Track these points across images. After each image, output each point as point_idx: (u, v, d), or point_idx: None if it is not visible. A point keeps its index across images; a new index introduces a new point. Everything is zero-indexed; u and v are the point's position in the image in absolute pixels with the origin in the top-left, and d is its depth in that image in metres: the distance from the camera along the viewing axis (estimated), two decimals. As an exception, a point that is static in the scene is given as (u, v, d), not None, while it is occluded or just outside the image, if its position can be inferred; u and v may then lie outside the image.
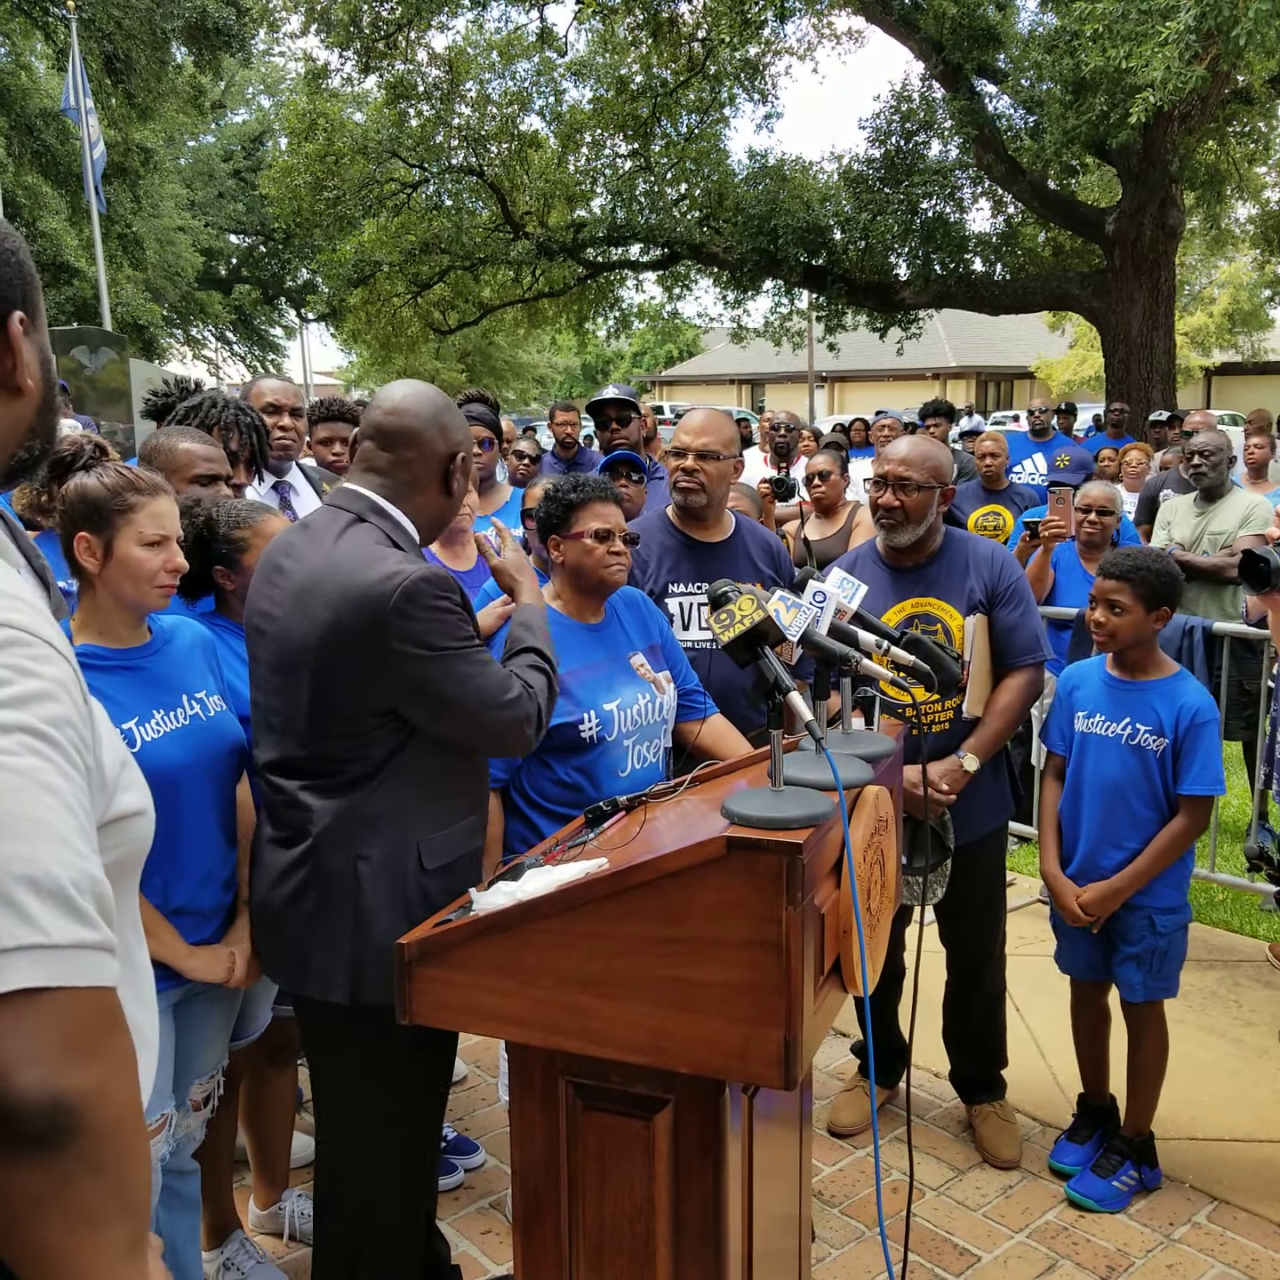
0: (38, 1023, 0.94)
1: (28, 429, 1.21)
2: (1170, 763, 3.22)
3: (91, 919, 0.99)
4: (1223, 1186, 3.34)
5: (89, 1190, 0.96)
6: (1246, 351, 31.33)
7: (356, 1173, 2.38)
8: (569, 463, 7.27)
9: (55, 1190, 0.94)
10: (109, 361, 13.16)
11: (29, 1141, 0.93)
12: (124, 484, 2.36)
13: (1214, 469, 5.97)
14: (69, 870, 0.98)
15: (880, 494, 3.33)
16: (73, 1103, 0.94)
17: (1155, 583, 3.20)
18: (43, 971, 0.94)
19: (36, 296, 1.21)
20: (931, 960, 3.55)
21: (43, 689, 1.04)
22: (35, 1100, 0.92)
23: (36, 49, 21.98)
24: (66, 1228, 0.95)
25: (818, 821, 1.82)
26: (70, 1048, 0.95)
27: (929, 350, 31.44)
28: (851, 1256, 3.10)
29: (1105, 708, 3.32)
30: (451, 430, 2.36)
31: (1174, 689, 3.25)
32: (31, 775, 1.00)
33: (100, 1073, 0.97)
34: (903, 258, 16.52)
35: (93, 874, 1.01)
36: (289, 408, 3.98)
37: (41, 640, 1.07)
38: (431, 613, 2.18)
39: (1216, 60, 10.68)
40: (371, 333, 19.96)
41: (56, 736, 1.04)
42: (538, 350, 43.14)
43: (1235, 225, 19.36)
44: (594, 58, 17.71)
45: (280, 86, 35.42)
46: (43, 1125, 0.93)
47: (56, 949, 0.95)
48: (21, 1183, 0.93)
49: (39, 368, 1.21)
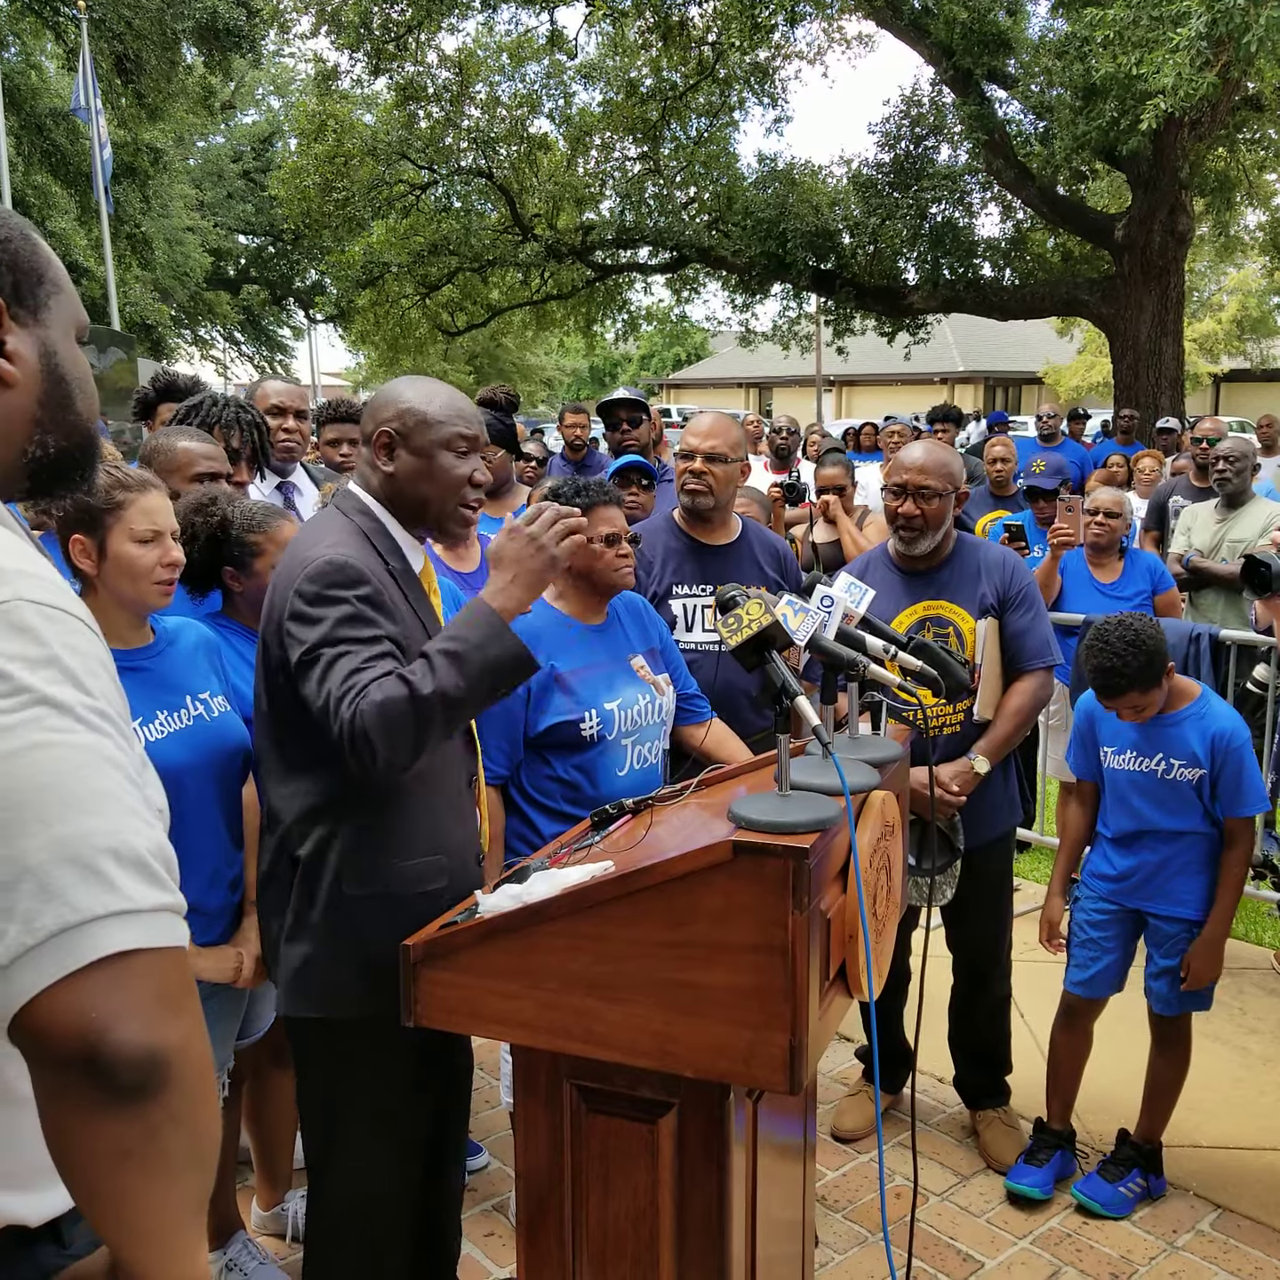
0: (132, 981, 1.00)
1: (30, 422, 1.20)
2: (1208, 788, 3.18)
3: (166, 883, 1.05)
4: (1227, 1194, 3.34)
5: (172, 1141, 1.01)
6: (1255, 358, 31.27)
7: (336, 1175, 2.36)
8: (578, 465, 7.26)
9: (144, 1141, 1.00)
10: (117, 361, 13.20)
11: (126, 1092, 0.98)
12: (112, 482, 2.36)
13: (1238, 475, 5.95)
14: (143, 839, 1.04)
15: (900, 503, 3.31)
16: (166, 1054, 1.00)
17: (1147, 667, 3.07)
18: (133, 935, 1.01)
19: (36, 288, 1.20)
20: (937, 965, 3.54)
21: (85, 665, 1.07)
22: (133, 1053, 0.98)
23: (47, 49, 22.02)
24: (148, 1177, 1.01)
25: (824, 826, 1.82)
26: (161, 1003, 1.01)
27: (937, 355, 31.37)
28: (854, 1262, 3.09)
29: (1134, 744, 3.27)
30: (379, 409, 2.29)
31: (1203, 716, 3.20)
32: (96, 750, 1.04)
33: (186, 1026, 1.03)
34: (911, 262, 16.50)
35: (161, 841, 1.07)
36: (294, 409, 3.99)
37: (75, 617, 1.10)
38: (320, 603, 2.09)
39: (1227, 67, 10.68)
40: (380, 334, 20.00)
41: (109, 710, 1.07)
42: (545, 352, 43.16)
43: (1245, 232, 19.34)
44: (604, 60, 17.72)
45: (290, 88, 35.51)
46: (140, 1076, 0.99)
47: (142, 913, 1.01)
48: (114, 1134, 0.99)
49: (38, 360, 1.20)
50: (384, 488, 2.29)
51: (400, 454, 2.27)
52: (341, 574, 2.11)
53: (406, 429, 2.26)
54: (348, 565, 2.12)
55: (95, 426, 1.27)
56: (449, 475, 2.28)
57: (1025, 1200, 3.30)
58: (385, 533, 2.29)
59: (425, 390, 2.30)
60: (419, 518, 2.31)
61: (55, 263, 1.24)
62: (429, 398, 2.28)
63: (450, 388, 2.35)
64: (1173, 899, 3.24)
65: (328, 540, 2.19)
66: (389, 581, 2.21)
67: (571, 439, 7.44)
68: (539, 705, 2.86)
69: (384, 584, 2.18)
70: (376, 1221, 2.36)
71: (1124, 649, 3.06)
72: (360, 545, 2.21)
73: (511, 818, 2.93)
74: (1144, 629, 3.09)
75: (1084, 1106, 3.57)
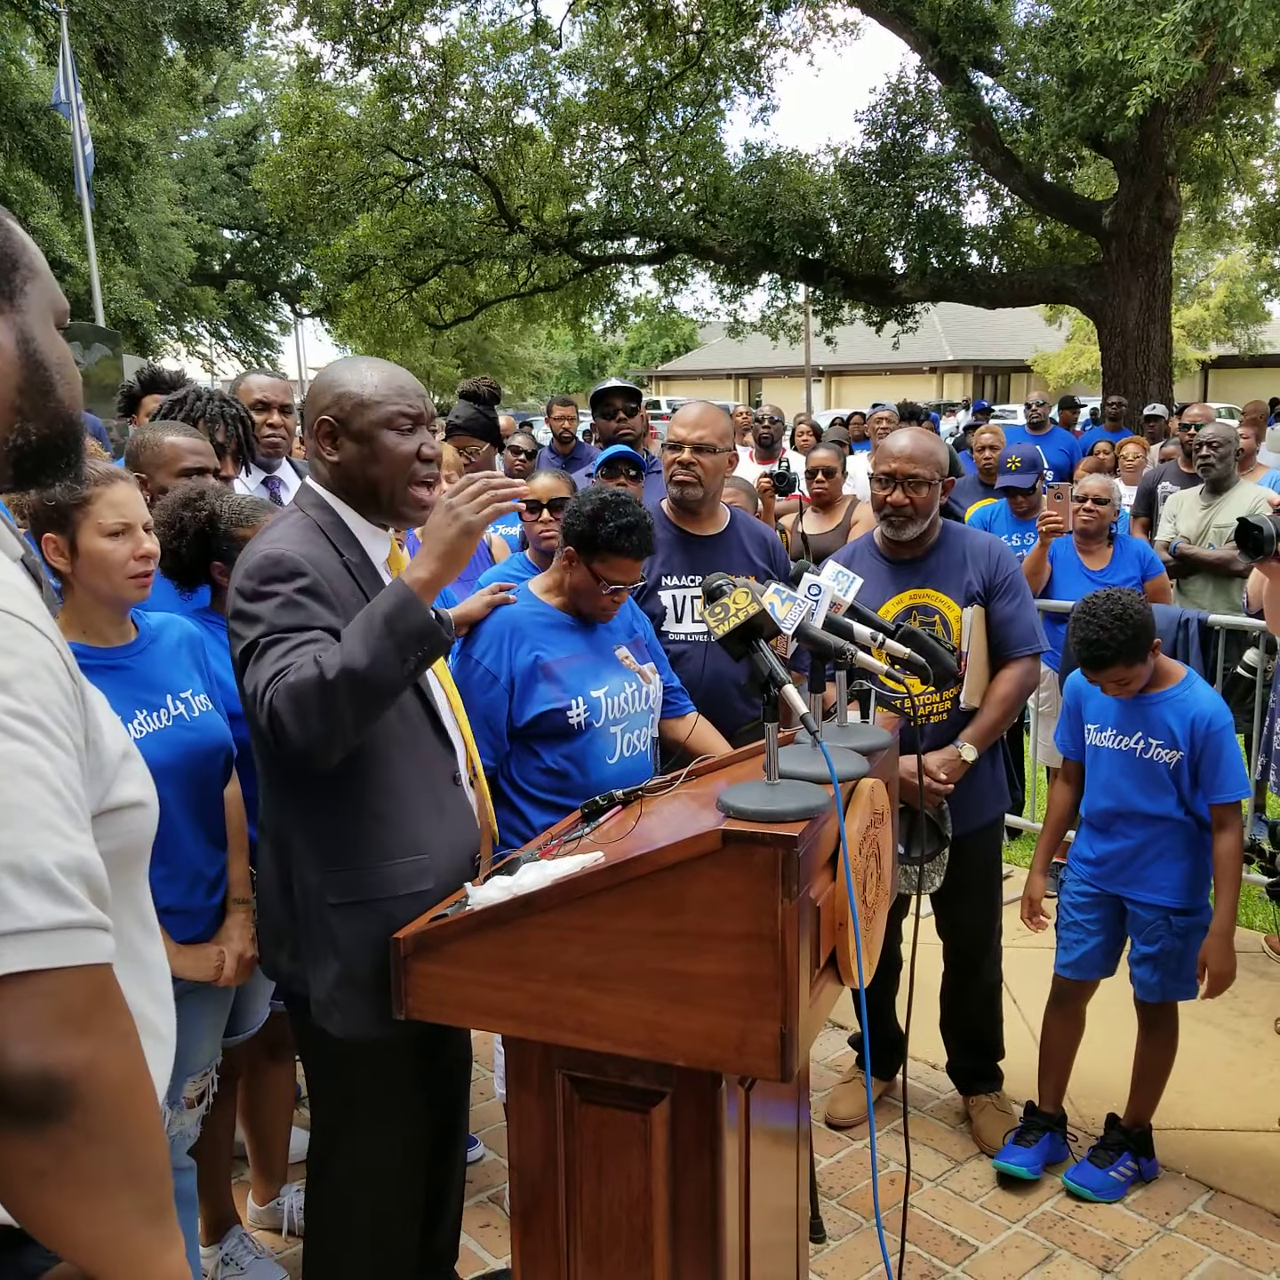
0: (26, 1002, 0.97)
1: (10, 410, 1.19)
2: (1186, 773, 3.18)
3: (76, 899, 1.01)
4: (1219, 1176, 3.35)
5: (89, 1160, 1.00)
6: (1243, 344, 31.33)
7: (338, 1170, 2.38)
8: (566, 458, 7.26)
9: (55, 1161, 0.98)
10: (102, 358, 13.13)
11: (24, 1114, 0.96)
12: None
13: (1222, 460, 5.97)
14: (53, 854, 1.01)
15: (889, 492, 3.31)
16: (63, 1075, 0.98)
17: (1134, 640, 3.10)
18: (27, 955, 0.97)
19: (11, 274, 1.19)
20: (929, 952, 3.55)
21: (23, 668, 1.04)
22: (25, 1073, 0.96)
23: (26, 43, 21.86)
24: (70, 1197, 0.99)
25: (813, 814, 1.82)
26: (61, 1023, 0.99)
27: (926, 344, 31.40)
28: (849, 1248, 3.10)
29: (1115, 722, 3.29)
30: (317, 396, 2.23)
31: (1184, 698, 3.21)
32: (12, 760, 1.01)
33: (93, 1046, 1.00)
34: (899, 251, 16.49)
35: (79, 855, 1.03)
36: (278, 404, 3.97)
37: (20, 619, 1.07)
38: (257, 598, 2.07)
39: (1213, 52, 10.68)
40: (366, 328, 19.92)
41: (39, 716, 1.04)
42: (533, 345, 43.09)
43: (1232, 218, 19.37)
44: (588, 50, 17.66)
45: (273, 80, 35.33)
46: (36, 1098, 0.96)
47: (40, 932, 0.98)
48: (21, 1155, 0.97)
49: (15, 347, 1.18)
50: (334, 477, 2.25)
51: (343, 441, 2.22)
52: (278, 567, 2.08)
53: (345, 414, 2.20)
54: (284, 558, 2.08)
55: (79, 413, 1.25)
56: (394, 454, 2.21)
57: (1016, 1182, 3.32)
58: (341, 525, 2.24)
59: (360, 372, 2.23)
60: (374, 503, 2.26)
61: (31, 247, 1.22)
62: (364, 379, 2.22)
63: (389, 364, 2.29)
64: (1150, 885, 3.25)
65: (271, 536, 2.17)
66: (340, 574, 2.17)
67: (560, 431, 7.44)
68: (525, 695, 2.86)
69: (331, 575, 2.13)
70: (380, 1214, 2.37)
71: (1111, 622, 3.08)
72: (311, 540, 2.17)
73: (501, 809, 2.93)
74: (1131, 604, 3.11)
75: (1076, 1091, 3.59)
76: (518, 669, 2.86)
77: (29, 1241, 1.17)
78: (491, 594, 3.00)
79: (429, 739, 2.29)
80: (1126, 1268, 3.02)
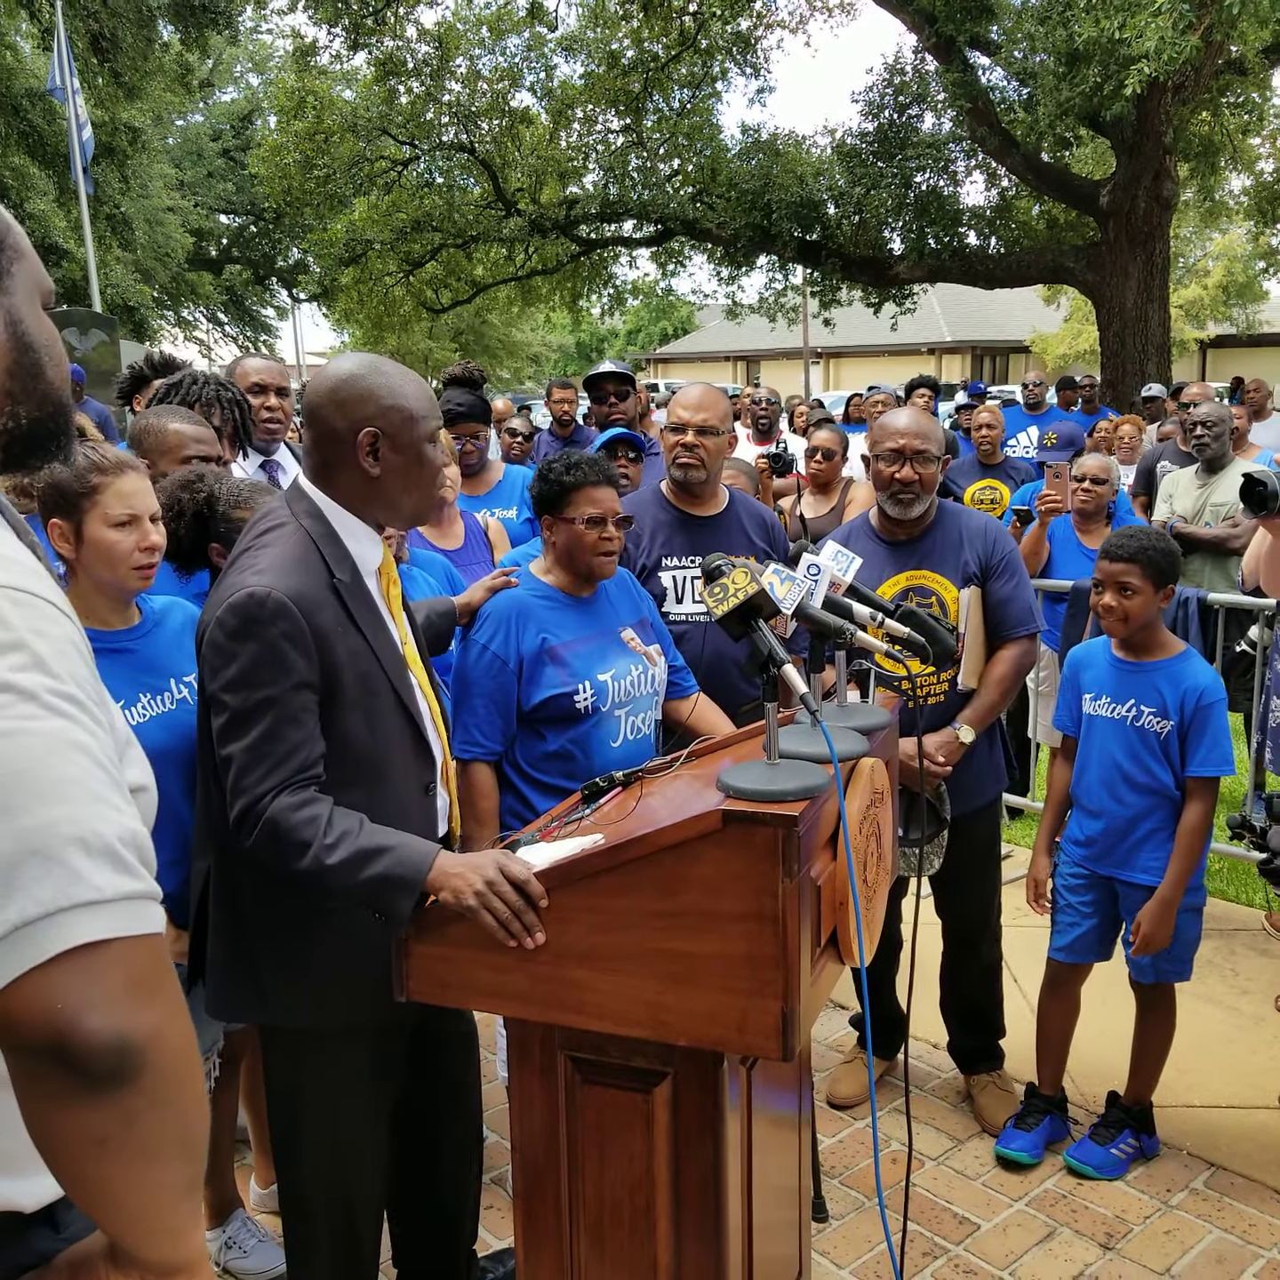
0: (101, 971, 1.00)
1: (0, 394, 1.18)
2: (1176, 744, 3.19)
3: (137, 870, 1.04)
4: (1220, 1153, 3.36)
5: (151, 1127, 1.02)
6: (1241, 324, 31.23)
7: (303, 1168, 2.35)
8: (566, 441, 7.25)
9: (120, 1127, 1.00)
10: (99, 343, 13.11)
11: (98, 1080, 0.99)
12: (87, 465, 2.32)
13: (1216, 440, 5.97)
14: (112, 826, 1.03)
15: (898, 468, 3.29)
16: (137, 1041, 1.00)
17: (1161, 561, 3.19)
18: (100, 925, 1.00)
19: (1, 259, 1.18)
20: (929, 932, 3.56)
21: (56, 648, 1.06)
22: (103, 1041, 0.98)
23: (21, 28, 21.76)
24: (125, 1163, 1.01)
25: (813, 794, 1.82)
26: (132, 991, 1.01)
27: (924, 325, 31.34)
28: (851, 1226, 3.12)
29: (1110, 689, 3.30)
30: (351, 405, 2.12)
31: (1179, 670, 3.22)
32: (61, 736, 1.03)
33: (160, 1012, 1.03)
34: (897, 232, 16.45)
35: (132, 827, 1.06)
36: (274, 387, 3.95)
37: (45, 600, 1.08)
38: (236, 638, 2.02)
39: (1210, 30, 10.64)
40: (364, 312, 19.88)
41: (76, 693, 1.06)
42: (531, 328, 42.96)
43: (1229, 197, 19.26)
44: (585, 32, 17.58)
45: (268, 64, 35.21)
46: (111, 1064, 0.99)
47: (109, 903, 1.01)
48: (89, 1121, 0.99)
49: (3, 329, 1.17)
50: (357, 488, 2.16)
51: (386, 453, 2.14)
52: (261, 609, 2.01)
53: (394, 428, 2.14)
54: (268, 599, 2.02)
55: (67, 394, 1.24)
56: (432, 468, 2.21)
57: (1016, 1164, 3.33)
58: (335, 538, 2.16)
59: (394, 380, 2.16)
60: (395, 510, 2.22)
61: (15, 228, 1.21)
62: (403, 390, 2.16)
63: (408, 370, 2.23)
64: (1139, 867, 3.24)
65: (261, 562, 2.08)
66: (327, 600, 2.10)
67: (559, 414, 7.42)
68: (532, 679, 2.86)
69: (320, 605, 2.07)
70: (345, 1210, 2.34)
71: (1143, 534, 3.24)
72: (302, 561, 2.10)
73: (505, 794, 2.93)
74: (1167, 542, 3.27)
75: (1077, 1069, 3.60)
76: (525, 652, 2.86)
77: (37, 1224, 1.17)
78: (493, 579, 2.99)
79: (409, 749, 2.24)
80: (1128, 1244, 3.03)
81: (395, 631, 2.26)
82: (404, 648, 2.27)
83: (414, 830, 2.13)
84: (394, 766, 2.21)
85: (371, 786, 2.16)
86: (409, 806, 2.24)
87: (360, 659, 2.13)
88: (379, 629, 2.20)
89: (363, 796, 2.11)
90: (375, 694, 2.16)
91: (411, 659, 2.30)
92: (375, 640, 2.17)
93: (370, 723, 2.15)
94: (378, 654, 2.16)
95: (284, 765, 2.01)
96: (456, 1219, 2.66)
